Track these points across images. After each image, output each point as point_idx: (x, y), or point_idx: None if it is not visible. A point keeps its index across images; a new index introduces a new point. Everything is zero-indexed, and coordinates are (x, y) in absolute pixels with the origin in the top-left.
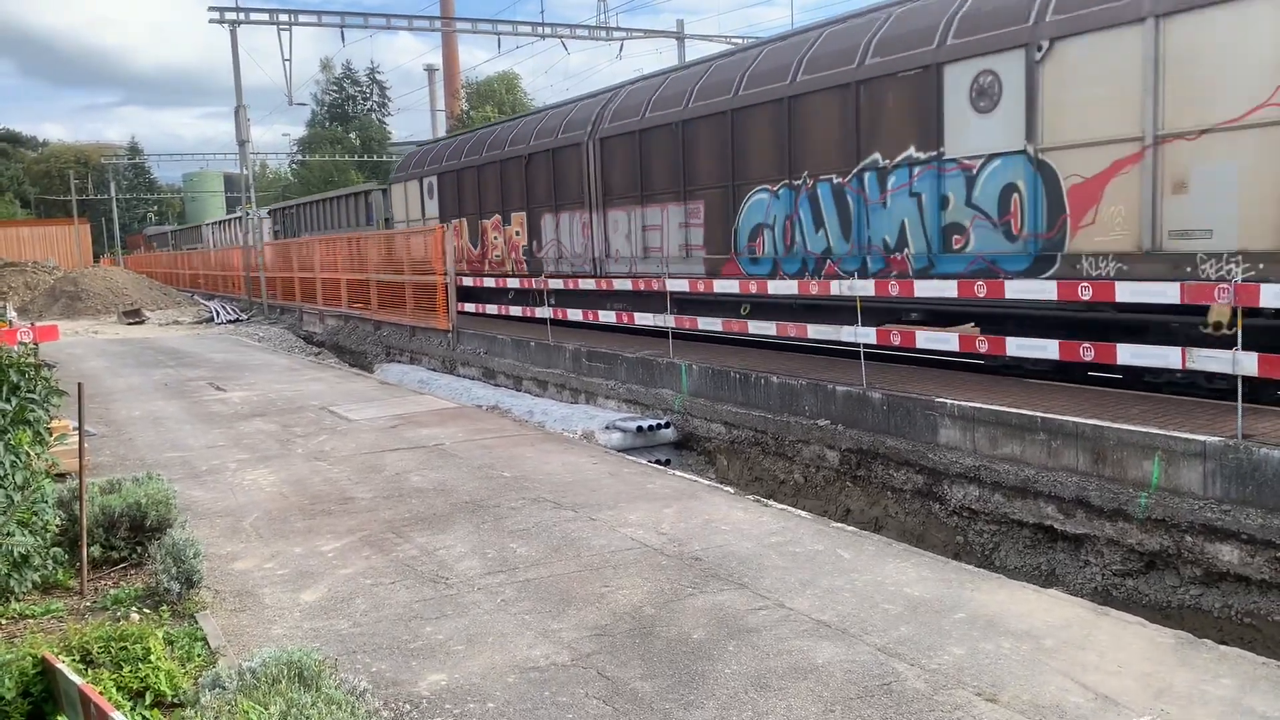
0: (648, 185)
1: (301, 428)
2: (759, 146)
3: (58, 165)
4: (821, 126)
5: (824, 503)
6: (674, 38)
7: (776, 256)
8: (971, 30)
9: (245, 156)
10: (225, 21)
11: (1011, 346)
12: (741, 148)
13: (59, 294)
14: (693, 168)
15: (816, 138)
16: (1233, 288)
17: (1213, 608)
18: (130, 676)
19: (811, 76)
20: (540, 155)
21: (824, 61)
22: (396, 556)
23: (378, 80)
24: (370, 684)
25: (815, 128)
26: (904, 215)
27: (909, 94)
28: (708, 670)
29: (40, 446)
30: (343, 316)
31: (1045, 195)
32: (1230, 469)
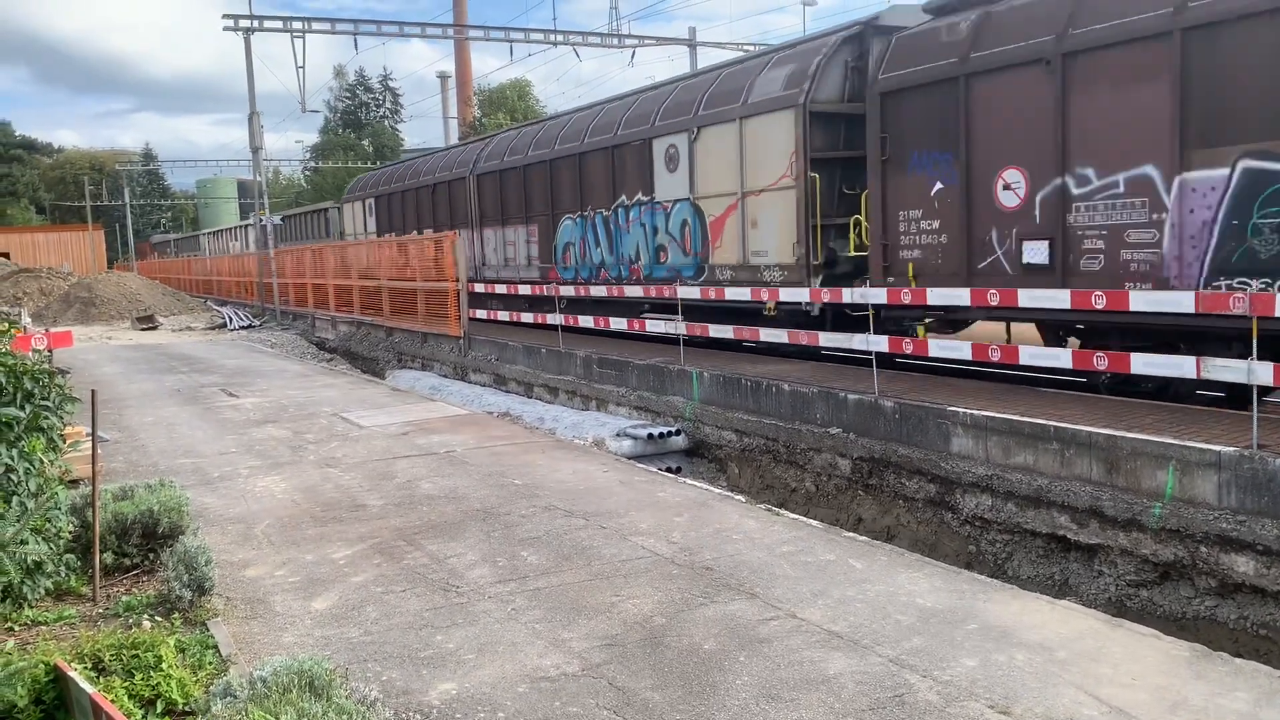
0: (506, 211)
1: (313, 434)
2: (566, 187)
3: (73, 171)
4: (598, 175)
5: (836, 511)
6: (685, 45)
7: (577, 267)
8: (666, 118)
9: (258, 163)
10: (239, 29)
11: (1025, 355)
12: (557, 187)
13: (73, 300)
14: (532, 199)
15: (594, 183)
16: (1248, 298)
17: (1228, 619)
18: (142, 684)
19: (591, 140)
20: (441, 185)
21: (597, 130)
22: (407, 564)
23: (390, 87)
24: (381, 693)
25: (594, 176)
26: (637, 239)
27: (636, 157)
28: (719, 681)
29: (54, 453)
30: (355, 323)
31: (700, 227)
32: (1245, 479)
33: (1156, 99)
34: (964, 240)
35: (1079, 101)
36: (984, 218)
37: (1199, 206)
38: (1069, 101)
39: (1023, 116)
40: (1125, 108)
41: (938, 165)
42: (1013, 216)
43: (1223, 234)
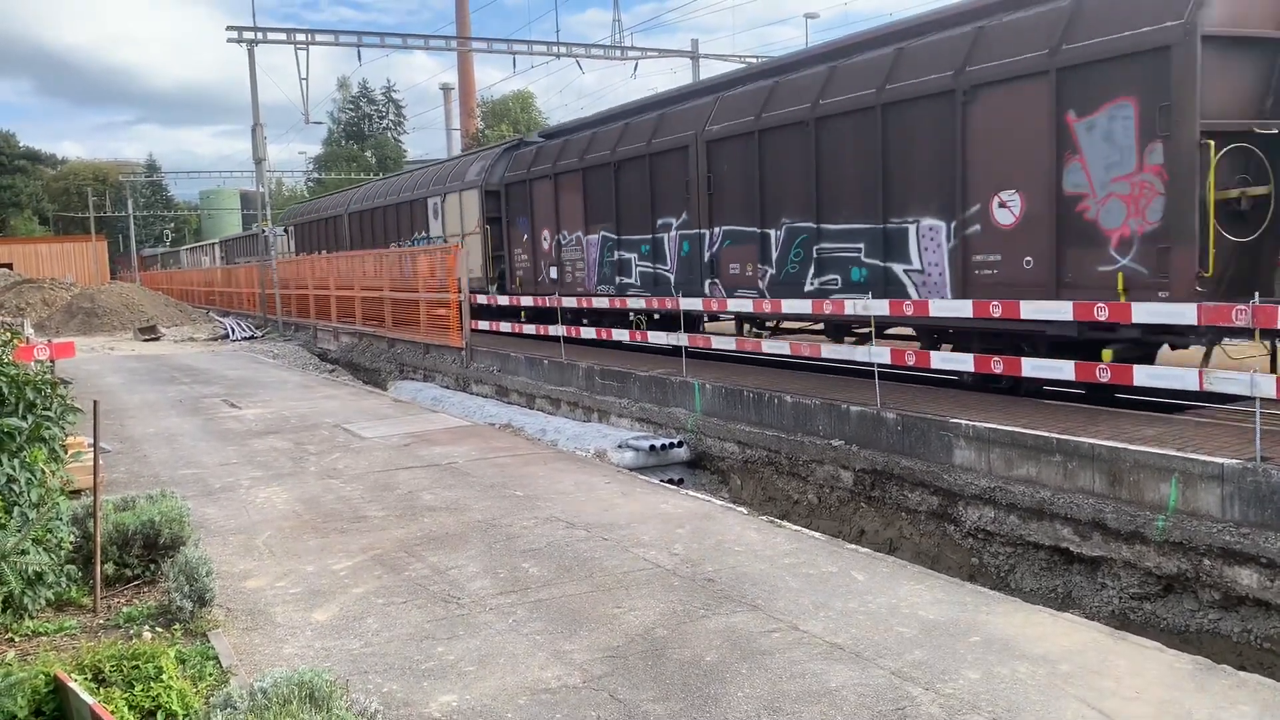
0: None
1: (315, 445)
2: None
3: (76, 183)
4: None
5: (838, 523)
6: (688, 57)
7: None
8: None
9: (261, 174)
10: (243, 41)
11: (1027, 367)
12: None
13: (76, 310)
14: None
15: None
16: (1251, 309)
17: (1232, 632)
18: (142, 695)
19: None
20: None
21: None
22: (408, 576)
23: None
24: (381, 705)
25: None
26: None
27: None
28: (720, 693)
29: (55, 464)
30: (357, 334)
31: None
32: (1249, 492)
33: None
34: (533, 265)
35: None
36: (539, 254)
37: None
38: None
39: (553, 201)
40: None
41: (523, 225)
42: (548, 253)
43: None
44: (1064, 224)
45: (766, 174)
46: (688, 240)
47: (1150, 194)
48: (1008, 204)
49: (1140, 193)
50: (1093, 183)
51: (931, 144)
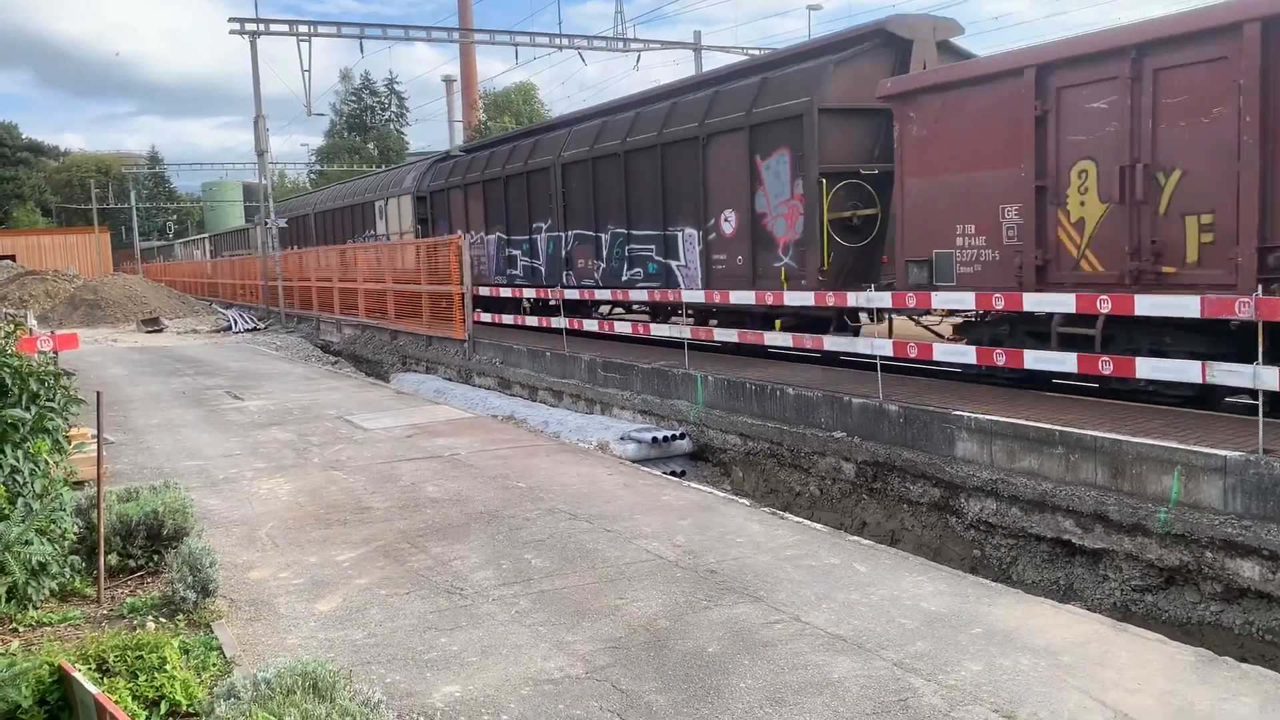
0: (325, 239)
1: (318, 437)
2: (344, 223)
3: (79, 174)
4: (355, 218)
5: (840, 515)
6: (690, 49)
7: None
8: (378, 192)
9: (264, 166)
10: (245, 32)
11: (1029, 360)
12: (341, 223)
13: (79, 302)
14: (333, 230)
15: (354, 222)
16: (1254, 301)
17: (1233, 624)
18: (146, 686)
19: (348, 200)
20: (301, 218)
21: (352, 194)
22: (411, 567)
23: (396, 91)
24: (384, 695)
25: (352, 219)
26: (372, 254)
27: (370, 210)
28: (723, 684)
29: (59, 454)
30: (360, 326)
31: (389, 251)
32: (1251, 484)
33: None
34: (495, 260)
35: (474, 205)
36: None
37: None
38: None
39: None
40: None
41: (444, 226)
42: (480, 257)
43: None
44: (756, 234)
45: (599, 191)
46: (552, 241)
47: (797, 214)
48: (729, 219)
49: (793, 213)
50: (770, 205)
51: (688, 174)
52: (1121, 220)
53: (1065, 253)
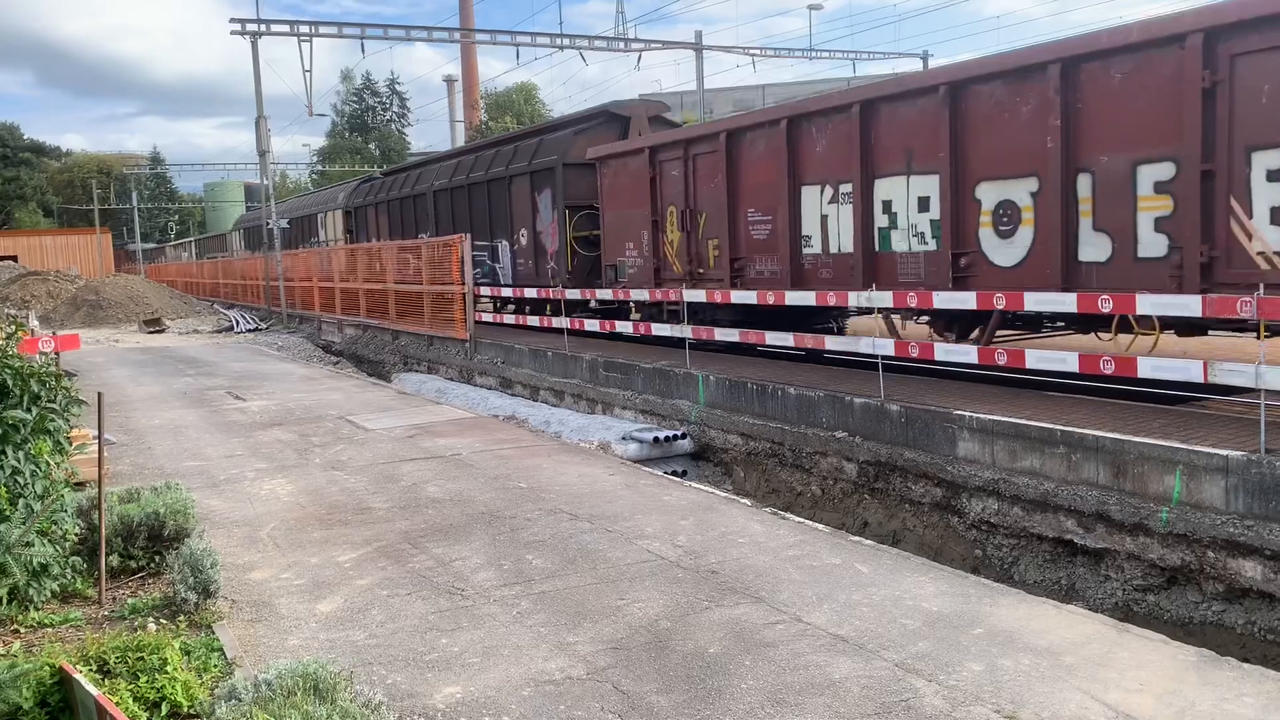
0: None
1: (319, 437)
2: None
3: (81, 175)
4: (305, 229)
5: (842, 515)
6: (692, 49)
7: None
8: (320, 206)
9: (265, 167)
10: (246, 33)
11: (1031, 359)
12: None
13: (81, 303)
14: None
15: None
16: (1255, 300)
17: (1235, 624)
18: (147, 687)
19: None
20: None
21: (297, 209)
22: (412, 567)
23: (397, 91)
24: (386, 696)
25: (302, 229)
26: (317, 259)
27: (316, 221)
28: (724, 685)
29: (60, 455)
30: (361, 326)
31: (329, 256)
32: (1253, 484)
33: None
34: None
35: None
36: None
37: None
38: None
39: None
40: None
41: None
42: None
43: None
44: (537, 246)
45: (455, 211)
46: None
47: (556, 234)
48: (523, 235)
49: (555, 233)
50: (544, 227)
51: (501, 203)
52: (685, 242)
53: (668, 262)
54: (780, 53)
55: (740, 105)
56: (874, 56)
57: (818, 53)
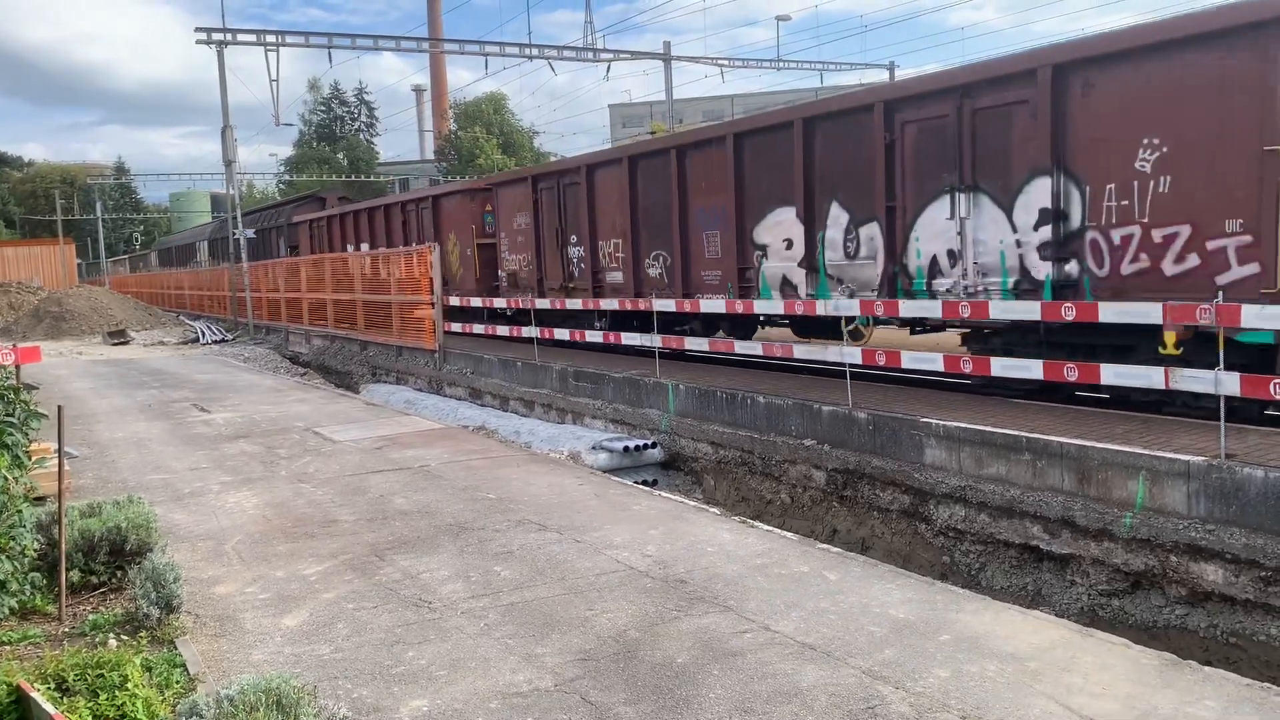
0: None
1: (286, 449)
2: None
3: (44, 185)
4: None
5: (811, 523)
6: (660, 59)
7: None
8: (271, 216)
9: (231, 177)
10: (212, 43)
11: (996, 367)
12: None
13: (43, 314)
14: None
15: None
16: (1214, 308)
17: (1198, 628)
18: (106, 704)
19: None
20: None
21: (261, 220)
22: (379, 580)
23: (366, 100)
24: (351, 711)
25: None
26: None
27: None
28: (692, 695)
29: (19, 470)
30: (329, 336)
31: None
32: (1214, 488)
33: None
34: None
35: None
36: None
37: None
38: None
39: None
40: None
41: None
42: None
43: None
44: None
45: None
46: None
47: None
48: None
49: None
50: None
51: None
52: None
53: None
54: (749, 63)
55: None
56: (841, 67)
57: (786, 63)
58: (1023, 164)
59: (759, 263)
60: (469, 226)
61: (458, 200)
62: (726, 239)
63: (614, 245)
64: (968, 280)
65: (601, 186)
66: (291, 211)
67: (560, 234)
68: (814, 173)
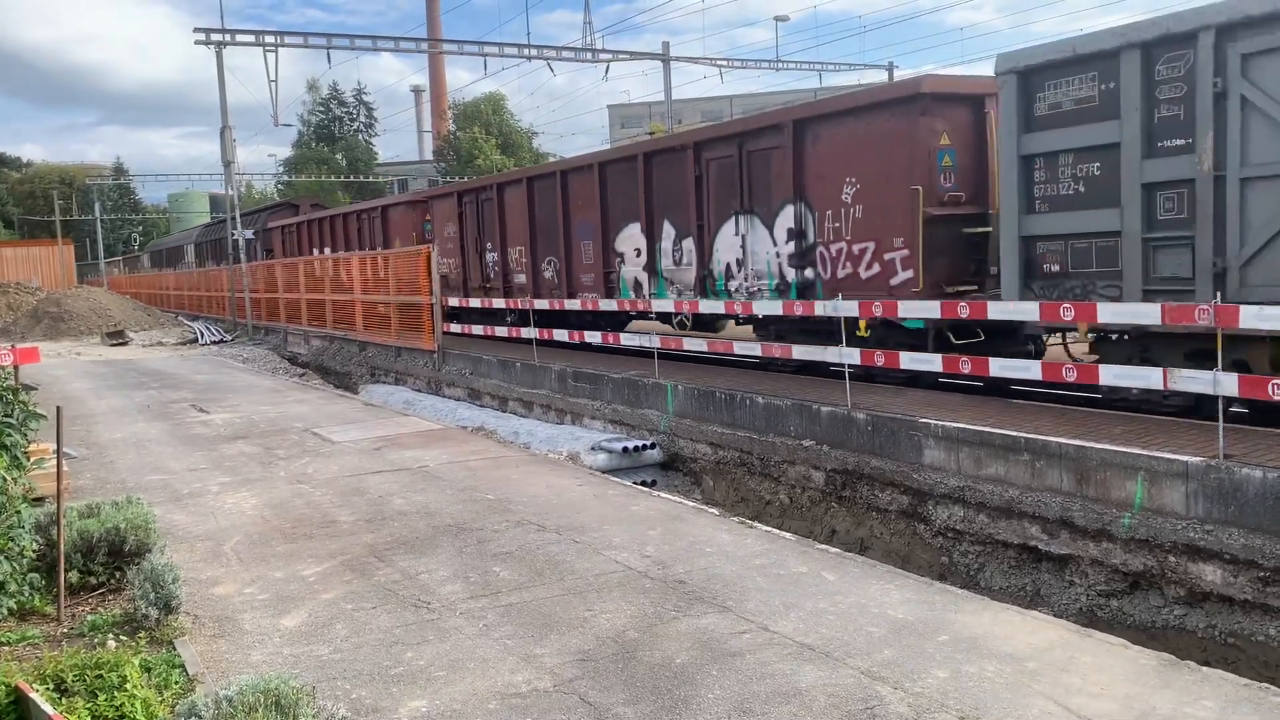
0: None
1: (284, 450)
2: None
3: (42, 186)
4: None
5: (809, 524)
6: (659, 60)
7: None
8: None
9: (230, 177)
10: (211, 43)
11: (994, 368)
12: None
13: (42, 315)
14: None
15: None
16: (1212, 309)
17: (1196, 628)
18: (105, 705)
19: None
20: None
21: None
22: (378, 581)
23: (364, 101)
24: (350, 711)
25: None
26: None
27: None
28: (691, 695)
29: (17, 471)
30: (327, 337)
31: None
32: (1212, 489)
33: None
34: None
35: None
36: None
37: None
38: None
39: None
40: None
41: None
42: None
43: None
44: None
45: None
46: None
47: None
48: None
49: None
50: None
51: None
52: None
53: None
54: (747, 64)
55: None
56: (840, 68)
57: (784, 63)
58: (778, 194)
59: (619, 267)
60: (411, 234)
61: (402, 211)
62: (597, 248)
63: (519, 252)
64: (748, 283)
65: (509, 202)
66: (267, 217)
67: (479, 242)
68: (653, 197)
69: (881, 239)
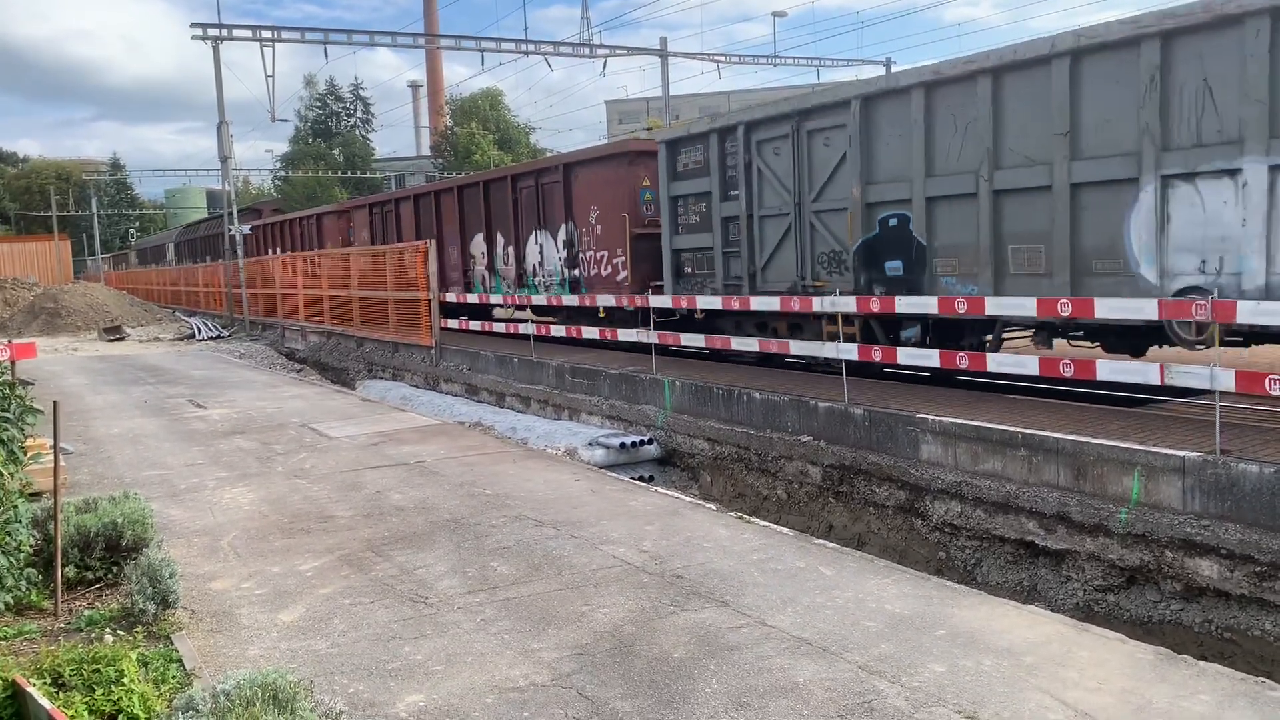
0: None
1: (282, 445)
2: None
3: (39, 181)
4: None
5: (807, 519)
6: (657, 55)
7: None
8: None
9: (227, 173)
10: (208, 38)
11: (992, 364)
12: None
13: (38, 311)
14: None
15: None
16: (1210, 304)
17: (1193, 623)
18: (103, 699)
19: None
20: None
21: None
22: (376, 575)
23: (361, 96)
24: (347, 705)
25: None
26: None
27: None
28: (688, 690)
29: (14, 466)
30: (325, 333)
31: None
32: (1209, 484)
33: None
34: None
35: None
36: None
37: None
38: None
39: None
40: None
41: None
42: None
43: None
44: None
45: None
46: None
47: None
48: None
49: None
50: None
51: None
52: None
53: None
54: (745, 59)
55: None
56: (837, 63)
57: (782, 59)
58: (559, 216)
59: (473, 267)
60: (339, 238)
61: (330, 219)
62: (459, 252)
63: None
64: (545, 279)
65: (403, 213)
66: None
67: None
68: (491, 214)
69: (611, 249)
